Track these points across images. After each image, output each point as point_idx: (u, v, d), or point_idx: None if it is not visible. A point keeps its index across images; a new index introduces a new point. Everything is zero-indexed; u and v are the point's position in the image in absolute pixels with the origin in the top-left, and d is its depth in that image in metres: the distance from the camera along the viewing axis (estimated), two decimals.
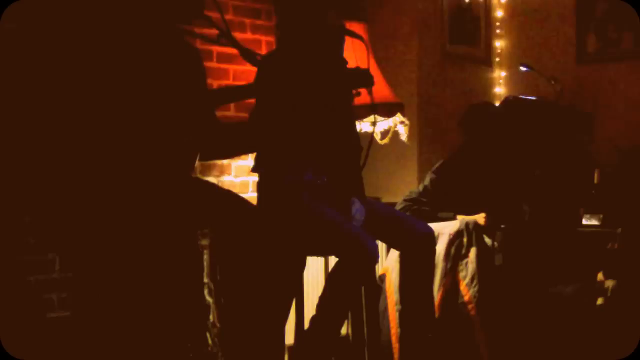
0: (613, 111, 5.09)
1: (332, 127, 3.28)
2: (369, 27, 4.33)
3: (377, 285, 3.93)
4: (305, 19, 3.26)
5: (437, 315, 3.73)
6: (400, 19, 5.03)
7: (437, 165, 4.26)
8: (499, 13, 5.64)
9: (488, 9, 5.59)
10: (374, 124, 3.80)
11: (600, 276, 3.77)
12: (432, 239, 3.36)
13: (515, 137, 4.27)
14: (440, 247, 3.86)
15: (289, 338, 3.35)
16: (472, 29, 5.50)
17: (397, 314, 3.81)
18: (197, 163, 3.36)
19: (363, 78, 3.19)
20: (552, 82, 4.79)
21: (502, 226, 4.00)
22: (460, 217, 4.00)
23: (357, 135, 3.40)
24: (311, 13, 3.24)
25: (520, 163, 4.27)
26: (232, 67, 4.29)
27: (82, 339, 2.98)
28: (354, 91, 3.28)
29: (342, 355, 3.54)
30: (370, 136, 3.39)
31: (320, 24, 3.25)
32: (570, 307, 3.87)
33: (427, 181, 4.20)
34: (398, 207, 4.14)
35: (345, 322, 3.51)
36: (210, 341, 3.47)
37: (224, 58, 4.23)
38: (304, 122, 3.20)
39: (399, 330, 3.75)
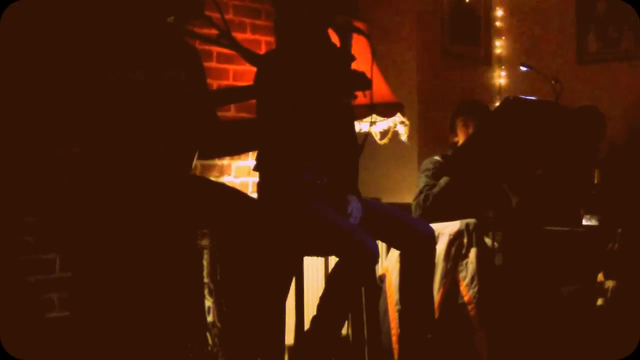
0: (613, 111, 5.09)
1: (331, 127, 3.28)
2: (369, 27, 4.33)
3: (377, 286, 3.92)
4: (304, 17, 3.26)
5: (437, 315, 3.72)
6: (400, 19, 5.03)
7: (431, 166, 4.23)
8: (499, 13, 5.64)
9: (488, 8, 5.59)
10: (373, 123, 3.79)
11: (600, 277, 3.77)
12: (432, 239, 3.35)
13: (515, 137, 4.26)
14: (441, 247, 3.86)
15: (289, 338, 3.34)
16: (472, 28, 5.50)
17: (397, 314, 3.81)
18: (196, 163, 3.36)
19: (359, 81, 3.17)
20: (552, 82, 4.78)
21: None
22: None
23: (356, 135, 3.40)
24: (311, 12, 3.25)
25: (520, 164, 4.25)
26: (232, 67, 4.29)
27: (82, 339, 2.98)
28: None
29: (342, 356, 3.53)
30: (364, 134, 3.39)
31: (320, 22, 3.25)
32: (570, 307, 3.87)
33: (421, 183, 4.19)
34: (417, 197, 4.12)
35: (346, 322, 3.51)
36: (210, 341, 3.46)
37: (224, 58, 4.23)
38: (304, 122, 3.19)
39: (399, 330, 3.75)
